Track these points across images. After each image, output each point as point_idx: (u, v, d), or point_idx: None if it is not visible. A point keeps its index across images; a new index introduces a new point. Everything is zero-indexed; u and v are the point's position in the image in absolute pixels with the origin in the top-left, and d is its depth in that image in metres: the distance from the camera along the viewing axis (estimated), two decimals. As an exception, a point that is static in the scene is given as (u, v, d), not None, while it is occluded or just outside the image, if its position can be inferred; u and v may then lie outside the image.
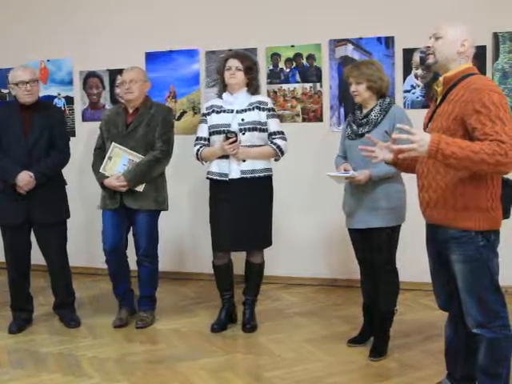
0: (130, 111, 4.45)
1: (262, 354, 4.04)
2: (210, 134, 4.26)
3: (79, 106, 6.08)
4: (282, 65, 5.45)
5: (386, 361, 3.84)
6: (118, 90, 5.44)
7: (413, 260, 4.35)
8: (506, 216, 2.91)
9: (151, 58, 5.78)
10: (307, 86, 5.41)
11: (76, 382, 3.68)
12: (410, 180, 3.73)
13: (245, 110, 4.20)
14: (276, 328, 4.48)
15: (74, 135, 6.03)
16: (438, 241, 2.98)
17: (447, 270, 2.97)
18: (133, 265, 4.62)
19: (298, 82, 5.43)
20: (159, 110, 4.48)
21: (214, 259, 4.36)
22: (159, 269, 4.66)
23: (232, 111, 4.21)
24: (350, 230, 3.99)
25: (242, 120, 4.18)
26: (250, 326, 4.41)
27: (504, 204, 2.88)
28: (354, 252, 4.04)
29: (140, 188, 4.35)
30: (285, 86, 5.46)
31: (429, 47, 2.92)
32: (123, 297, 4.69)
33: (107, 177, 4.35)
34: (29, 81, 4.33)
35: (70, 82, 6.08)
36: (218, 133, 4.19)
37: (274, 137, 4.24)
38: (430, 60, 2.93)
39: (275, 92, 5.47)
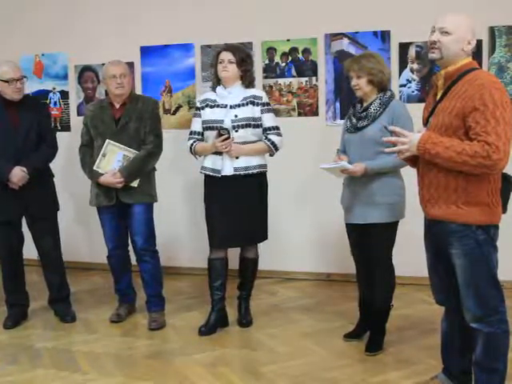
0: (117, 106, 4.38)
1: (258, 348, 4.04)
2: (204, 129, 4.21)
3: (74, 100, 6.06)
4: (277, 59, 5.43)
5: (382, 355, 3.84)
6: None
7: (410, 255, 4.34)
8: (503, 211, 2.92)
9: (146, 52, 5.75)
10: (303, 80, 5.40)
11: (71, 378, 3.67)
12: (406, 175, 3.74)
13: (238, 106, 4.13)
14: (272, 323, 4.47)
15: (69, 130, 6.02)
16: (437, 235, 2.97)
17: (445, 264, 2.97)
18: (134, 260, 4.60)
19: (293, 77, 5.42)
20: (146, 103, 4.43)
21: (210, 254, 4.34)
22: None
23: (225, 106, 4.14)
24: (347, 224, 3.96)
25: (236, 116, 4.11)
26: (245, 321, 4.40)
27: (502, 199, 2.89)
28: (350, 247, 4.03)
29: (135, 183, 4.33)
30: (280, 81, 5.44)
31: (435, 42, 2.85)
32: (124, 293, 4.69)
33: (101, 174, 4.32)
34: (19, 78, 4.32)
35: (65, 76, 6.05)
36: (211, 128, 4.14)
37: (268, 132, 4.19)
38: (436, 55, 2.86)
39: (271, 86, 5.45)
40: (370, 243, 3.82)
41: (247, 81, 4.20)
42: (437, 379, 3.31)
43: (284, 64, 5.42)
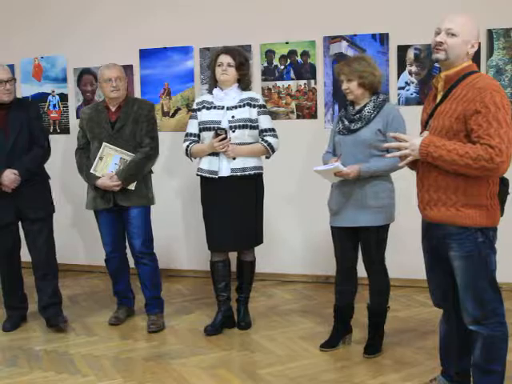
0: (113, 109, 4.39)
1: (257, 350, 4.04)
2: (200, 130, 4.21)
3: (73, 103, 6.06)
4: (276, 62, 5.44)
5: (380, 358, 3.84)
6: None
7: (407, 257, 4.35)
8: (501, 213, 2.92)
9: (145, 54, 5.76)
10: (301, 82, 5.40)
11: (70, 380, 3.67)
12: (400, 178, 3.75)
13: (235, 107, 4.14)
14: (270, 325, 4.48)
15: (68, 132, 6.03)
16: (436, 238, 2.97)
17: (443, 267, 2.97)
18: (132, 263, 4.59)
19: (292, 79, 5.42)
20: (142, 106, 4.43)
21: (212, 257, 4.34)
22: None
23: (223, 108, 4.16)
24: (334, 227, 3.89)
25: (233, 117, 4.13)
26: (244, 324, 4.40)
27: (499, 201, 2.89)
28: (336, 251, 3.94)
29: (132, 186, 4.33)
30: (279, 83, 5.45)
31: (441, 43, 2.82)
32: (122, 295, 4.69)
33: (98, 177, 4.32)
34: (8, 80, 4.30)
35: (64, 79, 6.06)
36: (208, 129, 4.15)
37: (265, 134, 4.20)
38: (441, 56, 2.84)
39: (269, 89, 5.46)
40: (362, 246, 3.81)
41: (244, 84, 4.23)
42: (436, 381, 3.32)
43: (283, 67, 5.43)
